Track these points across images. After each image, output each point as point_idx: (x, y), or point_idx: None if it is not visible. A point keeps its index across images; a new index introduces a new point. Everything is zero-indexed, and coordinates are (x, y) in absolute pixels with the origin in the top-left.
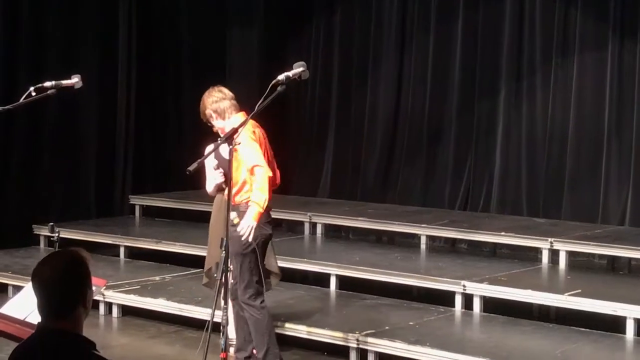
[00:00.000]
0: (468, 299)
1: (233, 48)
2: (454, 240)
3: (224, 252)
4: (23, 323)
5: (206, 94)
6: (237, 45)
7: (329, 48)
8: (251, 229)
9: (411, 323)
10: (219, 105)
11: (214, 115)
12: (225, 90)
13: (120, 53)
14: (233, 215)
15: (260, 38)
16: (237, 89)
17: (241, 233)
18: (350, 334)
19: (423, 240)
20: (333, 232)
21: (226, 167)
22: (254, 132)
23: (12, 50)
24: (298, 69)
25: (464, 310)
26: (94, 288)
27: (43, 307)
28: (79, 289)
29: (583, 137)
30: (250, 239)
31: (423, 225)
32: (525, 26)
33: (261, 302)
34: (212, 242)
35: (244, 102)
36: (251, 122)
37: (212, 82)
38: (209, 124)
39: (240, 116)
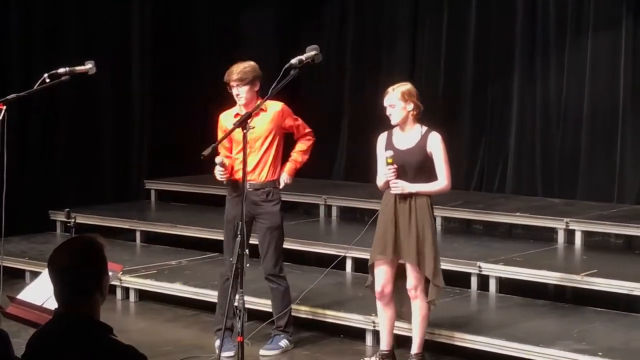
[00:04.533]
0: (484, 280)
1: (247, 31)
2: (469, 221)
3: (239, 236)
4: (41, 309)
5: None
6: (251, 28)
7: (342, 30)
8: None
9: None
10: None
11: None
12: None
13: (134, 37)
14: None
15: (274, 20)
16: None
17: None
18: (367, 317)
19: (438, 221)
20: (348, 215)
21: (405, 159)
22: None
23: (27, 37)
24: (311, 52)
25: (479, 291)
26: (110, 273)
27: (60, 294)
28: (95, 275)
29: (598, 116)
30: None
31: (438, 206)
32: (538, 5)
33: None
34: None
35: None
36: None
37: (226, 66)
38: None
39: None
